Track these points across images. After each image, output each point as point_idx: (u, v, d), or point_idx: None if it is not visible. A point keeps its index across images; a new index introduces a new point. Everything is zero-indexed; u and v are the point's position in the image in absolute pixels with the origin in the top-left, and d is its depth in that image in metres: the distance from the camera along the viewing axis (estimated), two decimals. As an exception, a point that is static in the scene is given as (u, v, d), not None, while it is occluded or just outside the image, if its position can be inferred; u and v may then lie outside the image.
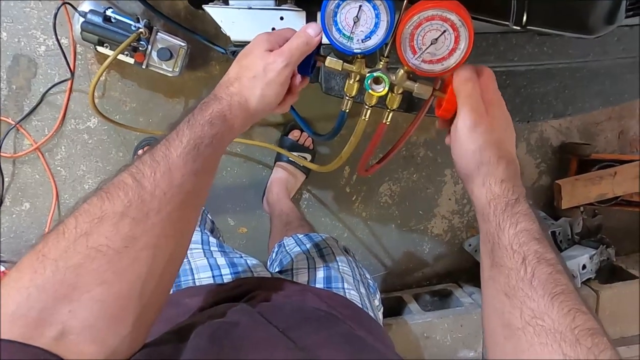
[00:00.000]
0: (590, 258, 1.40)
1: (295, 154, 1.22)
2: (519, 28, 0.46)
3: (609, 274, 1.46)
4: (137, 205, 0.34)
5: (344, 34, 0.45)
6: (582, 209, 1.49)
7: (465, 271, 1.54)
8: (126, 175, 0.36)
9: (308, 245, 0.81)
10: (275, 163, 1.28)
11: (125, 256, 0.33)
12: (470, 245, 1.47)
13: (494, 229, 0.41)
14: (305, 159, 1.25)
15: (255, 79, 0.45)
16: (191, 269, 0.64)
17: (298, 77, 0.50)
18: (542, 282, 0.36)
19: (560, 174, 1.49)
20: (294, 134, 1.25)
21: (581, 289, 0.82)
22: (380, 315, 0.76)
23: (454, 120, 0.50)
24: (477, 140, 0.44)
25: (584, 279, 1.39)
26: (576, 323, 0.34)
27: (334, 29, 0.45)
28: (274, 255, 0.89)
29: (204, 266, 0.65)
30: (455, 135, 0.45)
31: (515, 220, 0.40)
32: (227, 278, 0.63)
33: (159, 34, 1.00)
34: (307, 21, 0.63)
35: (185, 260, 0.66)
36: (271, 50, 0.46)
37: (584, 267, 1.38)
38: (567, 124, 1.49)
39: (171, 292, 0.61)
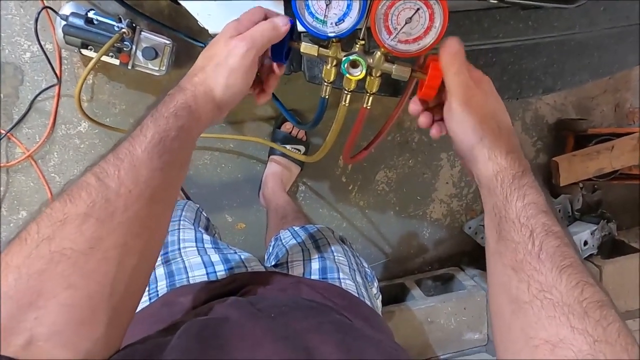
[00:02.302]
0: (591, 234, 1.39)
1: (288, 146, 1.22)
2: (496, 2, 0.45)
3: (611, 248, 1.46)
4: (101, 205, 0.34)
5: (317, 18, 0.44)
6: (581, 185, 1.49)
7: (467, 254, 1.53)
8: (89, 175, 0.35)
9: (303, 237, 0.81)
10: (269, 157, 1.27)
11: (92, 258, 0.32)
12: (470, 227, 1.47)
13: (500, 202, 0.40)
14: (299, 151, 1.25)
15: (218, 67, 0.44)
16: (185, 268, 0.64)
17: (274, 65, 0.49)
18: (550, 255, 0.36)
19: (557, 151, 1.48)
20: (287, 127, 1.24)
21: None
22: (378, 303, 0.76)
23: (435, 102, 0.49)
24: (474, 113, 0.43)
25: (586, 255, 1.39)
26: (584, 295, 0.33)
27: (306, 13, 0.44)
28: (270, 249, 0.89)
29: (197, 264, 0.65)
30: (451, 114, 0.44)
31: (523, 193, 0.40)
32: (221, 275, 0.63)
33: (142, 33, 0.99)
34: (286, 9, 0.62)
35: (179, 259, 0.66)
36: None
37: (585, 243, 1.38)
38: (562, 100, 1.47)
39: (165, 291, 0.61)
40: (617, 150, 1.37)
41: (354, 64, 0.46)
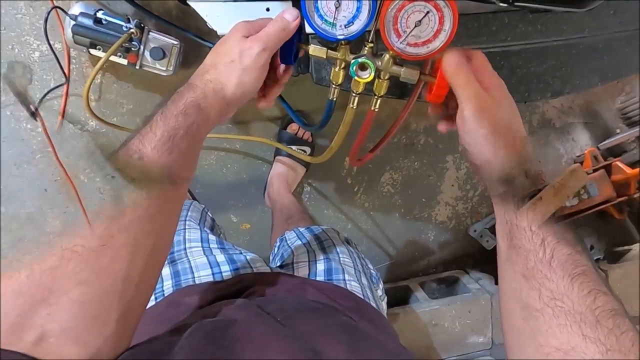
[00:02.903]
0: (598, 238, 1.38)
1: (294, 147, 1.22)
2: (506, 5, 0.45)
3: (618, 253, 1.44)
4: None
5: (326, 20, 0.44)
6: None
7: (472, 257, 1.53)
8: None
9: (309, 238, 0.81)
10: (274, 157, 1.27)
11: (103, 255, 0.32)
12: (475, 230, 1.46)
13: (512, 210, 0.40)
14: (305, 152, 1.25)
15: (232, 64, 0.44)
16: (191, 268, 0.64)
17: (282, 67, 0.49)
18: (561, 263, 0.36)
19: (564, 155, 1.47)
20: (292, 128, 1.24)
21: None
22: (383, 305, 0.76)
23: (446, 104, 0.49)
24: (487, 125, 0.42)
25: (592, 260, 1.38)
26: (597, 304, 0.33)
27: (315, 16, 0.44)
28: (276, 249, 0.89)
29: (203, 264, 0.65)
30: (464, 125, 0.43)
31: None
32: (227, 275, 0.63)
33: (150, 33, 0.99)
34: (294, 11, 0.62)
35: (185, 259, 0.66)
36: (248, 37, 0.45)
37: (592, 247, 1.37)
38: (569, 103, 1.46)
39: (171, 291, 0.61)
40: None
41: (363, 67, 0.46)
